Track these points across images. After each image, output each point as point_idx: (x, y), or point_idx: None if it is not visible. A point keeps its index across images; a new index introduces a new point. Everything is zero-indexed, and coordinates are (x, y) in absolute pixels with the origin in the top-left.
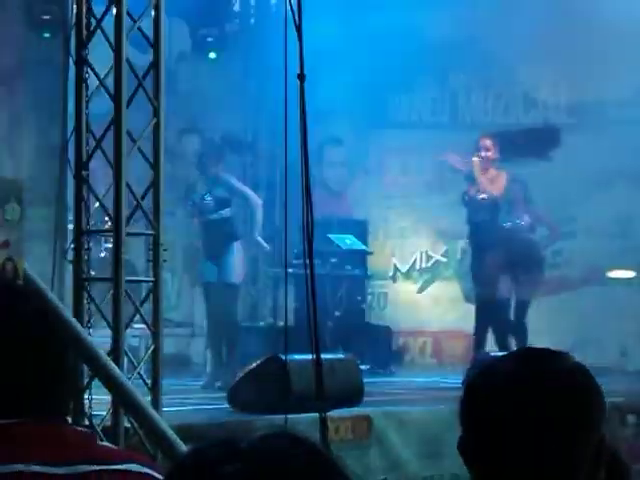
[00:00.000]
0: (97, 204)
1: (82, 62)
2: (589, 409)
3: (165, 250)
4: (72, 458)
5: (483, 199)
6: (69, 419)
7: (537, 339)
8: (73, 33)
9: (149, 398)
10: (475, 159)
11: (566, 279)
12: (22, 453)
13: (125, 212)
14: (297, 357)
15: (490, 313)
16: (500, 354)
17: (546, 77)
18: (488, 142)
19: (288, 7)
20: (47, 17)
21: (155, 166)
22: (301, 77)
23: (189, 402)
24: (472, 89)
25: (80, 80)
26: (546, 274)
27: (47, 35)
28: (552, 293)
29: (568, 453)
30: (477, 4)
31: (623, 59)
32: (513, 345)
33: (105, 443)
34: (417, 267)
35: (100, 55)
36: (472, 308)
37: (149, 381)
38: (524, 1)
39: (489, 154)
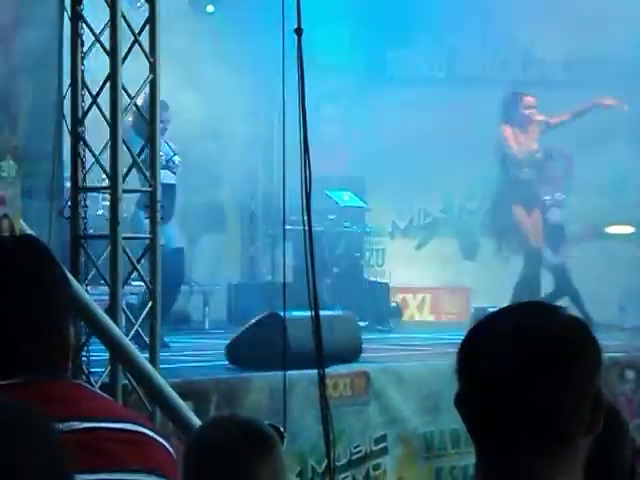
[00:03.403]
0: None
1: (77, 18)
2: (584, 360)
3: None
4: (63, 414)
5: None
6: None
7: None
8: None
9: (147, 355)
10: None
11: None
12: None
13: (122, 169)
14: (296, 314)
15: None
16: (498, 309)
17: (544, 33)
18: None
19: None
20: None
21: (151, 122)
22: (298, 31)
23: (187, 359)
24: (470, 45)
25: (75, 36)
26: None
27: None
28: None
29: (564, 405)
30: None
31: (621, 16)
32: None
33: (103, 396)
34: (415, 224)
35: (95, 10)
36: (470, 265)
37: (147, 338)
38: None
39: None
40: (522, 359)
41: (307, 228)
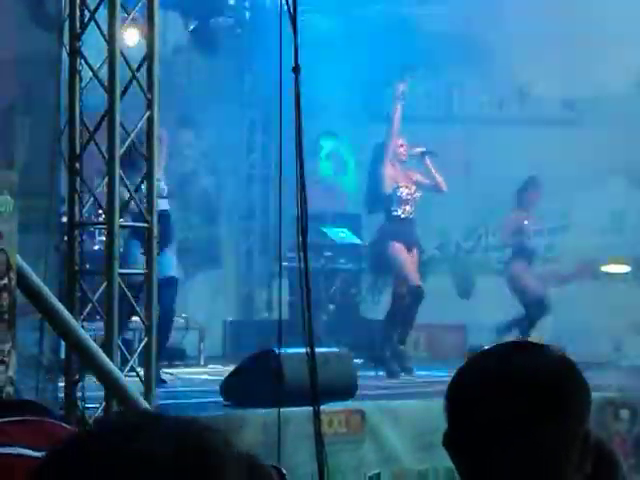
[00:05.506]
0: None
1: (75, 54)
2: (573, 402)
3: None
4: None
5: None
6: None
7: (531, 333)
8: (67, 25)
9: (142, 391)
10: None
11: (559, 273)
12: (7, 440)
13: (118, 205)
14: (291, 351)
15: None
16: (486, 348)
17: (542, 71)
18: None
19: None
20: (40, 9)
21: (149, 159)
22: (296, 69)
23: (182, 395)
24: (467, 83)
25: (74, 72)
26: (540, 268)
27: (41, 27)
28: (545, 287)
29: (552, 447)
30: None
31: (620, 54)
32: None
33: None
34: None
35: (94, 47)
36: (465, 302)
37: (142, 374)
38: None
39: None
40: (506, 400)
41: (303, 265)
